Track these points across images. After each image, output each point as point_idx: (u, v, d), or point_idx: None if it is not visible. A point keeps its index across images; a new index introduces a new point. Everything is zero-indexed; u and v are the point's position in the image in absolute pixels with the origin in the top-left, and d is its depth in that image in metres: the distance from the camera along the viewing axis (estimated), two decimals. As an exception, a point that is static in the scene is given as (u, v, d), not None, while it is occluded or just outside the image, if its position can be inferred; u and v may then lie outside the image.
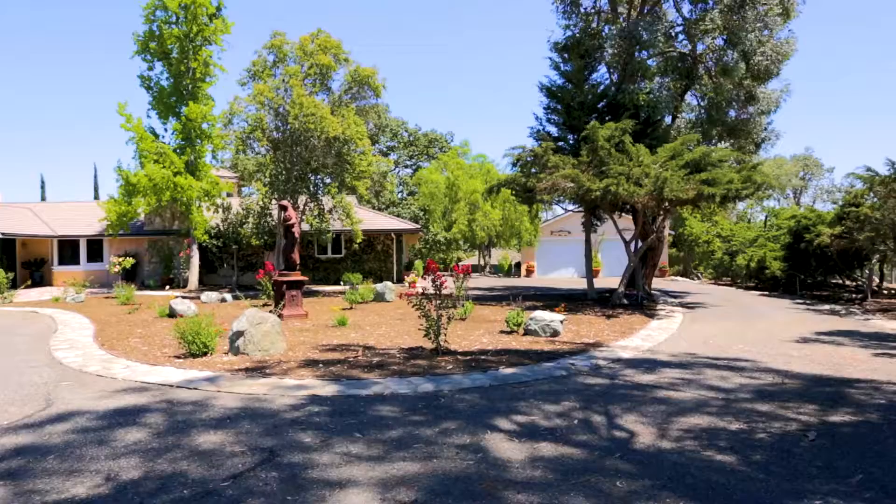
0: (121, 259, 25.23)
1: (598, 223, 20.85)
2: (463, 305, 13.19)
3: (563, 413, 5.85)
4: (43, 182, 65.09)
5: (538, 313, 11.36)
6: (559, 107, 19.99)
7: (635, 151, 15.89)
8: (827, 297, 20.41)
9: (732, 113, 19.45)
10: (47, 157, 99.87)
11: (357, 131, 20.37)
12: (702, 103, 20.37)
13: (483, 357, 8.85)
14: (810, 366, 8.33)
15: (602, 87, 19.76)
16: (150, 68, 23.93)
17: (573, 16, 20.44)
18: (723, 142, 19.99)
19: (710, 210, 25.54)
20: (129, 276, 26.24)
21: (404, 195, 49.73)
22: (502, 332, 11.51)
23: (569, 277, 35.46)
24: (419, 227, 32.79)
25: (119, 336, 11.18)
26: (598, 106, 19.43)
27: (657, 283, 25.79)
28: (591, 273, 20.38)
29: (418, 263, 34.98)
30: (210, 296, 18.56)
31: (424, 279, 9.12)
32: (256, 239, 24.07)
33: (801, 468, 4.38)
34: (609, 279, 29.89)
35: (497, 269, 41.55)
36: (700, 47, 18.98)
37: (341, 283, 26.09)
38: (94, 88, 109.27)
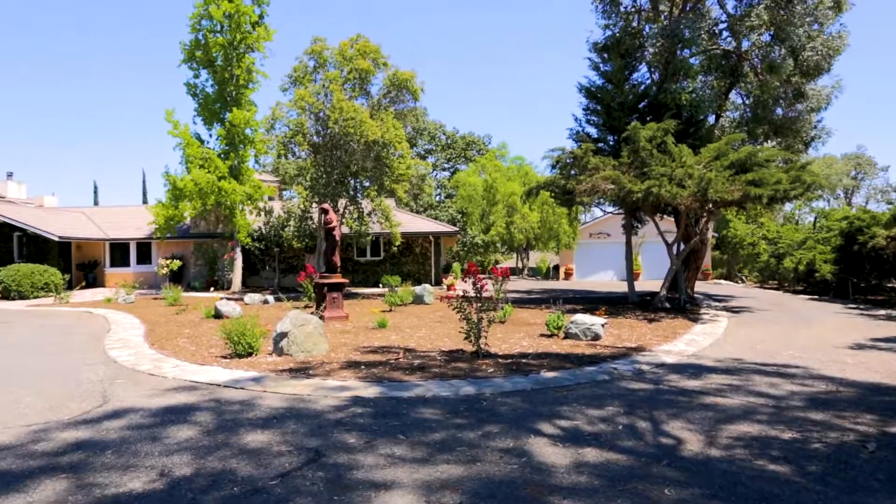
0: (168, 261, 26.04)
1: (639, 225, 20.48)
2: (502, 308, 13.15)
3: (606, 418, 5.77)
4: (96, 188, 67.87)
5: (578, 317, 11.23)
6: (599, 108, 19.75)
7: (678, 152, 15.56)
8: (882, 301, 19.57)
9: (779, 111, 18.84)
10: (99, 164, 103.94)
11: (396, 135, 20.54)
12: (747, 101, 19.82)
13: (524, 360, 8.80)
14: (867, 373, 8.01)
15: (643, 87, 19.41)
16: (196, 76, 24.66)
17: (613, 15, 20.16)
18: (769, 141, 19.39)
19: (755, 211, 24.82)
20: (176, 277, 27.06)
21: (442, 198, 49.90)
22: (542, 335, 11.42)
23: (608, 280, 34.94)
24: (457, 229, 32.84)
25: (168, 336, 11.54)
26: (639, 106, 19.12)
27: (700, 287, 25.18)
28: (631, 276, 20.04)
29: (456, 266, 35.06)
30: (253, 297, 18.97)
31: (465, 281, 9.12)
32: (298, 242, 24.49)
33: (861, 481, 4.21)
34: (649, 282, 29.36)
35: (535, 272, 41.27)
36: (745, 44, 18.47)
37: (380, 285, 26.35)
38: (143, 98, 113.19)
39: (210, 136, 25.04)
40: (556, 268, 39.26)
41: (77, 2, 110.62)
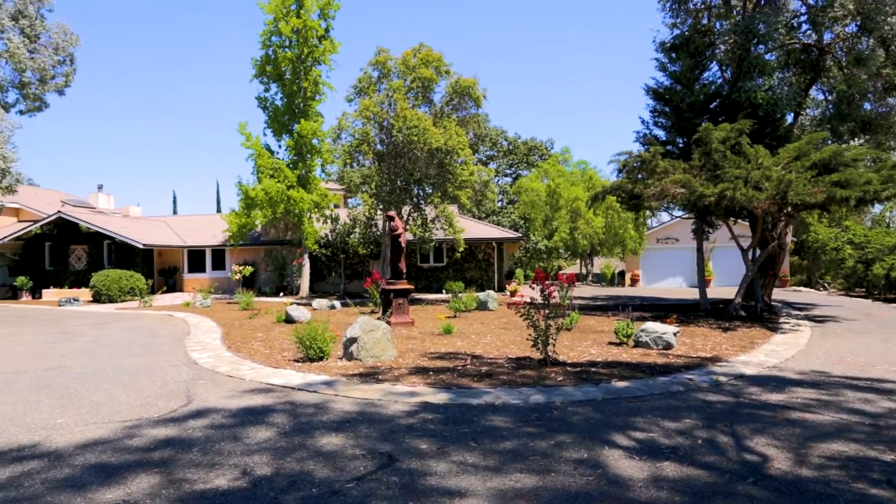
0: (241, 268, 27.14)
1: (711, 230, 19.71)
2: (569, 315, 12.95)
3: (684, 431, 5.56)
4: (175, 197, 71.59)
5: (649, 325, 10.90)
6: (667, 109, 19.17)
7: (753, 153, 14.89)
8: None
9: (868, 106, 17.70)
10: (178, 174, 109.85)
11: (459, 142, 20.66)
12: (829, 98, 18.73)
13: (593, 369, 8.62)
14: (973, 389, 7.37)
15: (714, 87, 18.70)
16: (267, 90, 25.68)
17: (680, 13, 19.56)
18: (856, 139, 18.25)
19: (840, 214, 23.39)
20: (248, 283, 28.16)
21: (504, 204, 49.71)
22: (611, 343, 11.16)
23: (676, 287, 33.80)
24: (520, 235, 32.63)
25: (243, 339, 12.01)
26: (710, 107, 18.43)
27: (778, 294, 23.96)
28: (703, 282, 19.29)
29: (519, 272, 34.82)
30: (321, 303, 19.48)
31: (533, 288, 9.03)
32: (363, 248, 25.00)
33: (974, 506, 3.88)
34: (721, 289, 28.20)
35: (599, 278, 40.43)
36: (827, 36, 17.49)
37: (443, 291, 26.50)
38: (218, 112, 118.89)
39: (279, 146, 26.02)
40: (622, 274, 38.33)
41: (156, 25, 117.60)
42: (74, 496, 4.11)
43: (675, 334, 10.66)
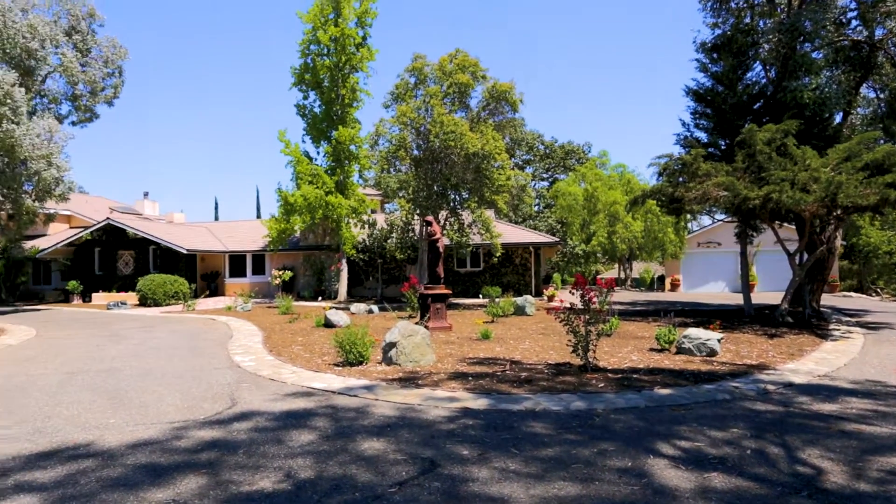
0: (280, 272, 27.63)
1: (754, 234, 19.14)
2: (608, 321, 12.75)
3: (731, 441, 5.40)
4: (216, 204, 73.42)
5: (692, 331, 10.66)
6: (709, 111, 18.76)
7: (800, 154, 14.43)
8: None
9: (923, 104, 16.98)
10: (219, 181, 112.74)
11: (495, 146, 20.62)
12: (882, 95, 18.04)
13: (635, 376, 8.47)
14: None
15: (758, 87, 18.21)
16: (305, 97, 26.13)
17: (722, 12, 19.12)
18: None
19: (895, 217, 22.45)
20: (287, 287, 28.64)
21: (541, 208, 49.39)
22: (652, 349, 10.95)
23: (718, 292, 32.96)
24: (557, 240, 32.35)
25: (283, 343, 12.21)
26: (754, 107, 17.95)
27: (827, 300, 23.13)
28: (747, 287, 18.75)
29: (556, 276, 34.53)
30: (359, 307, 19.66)
31: (573, 293, 8.93)
32: (400, 253, 25.15)
33: None
34: (765, 294, 27.40)
35: (638, 283, 39.78)
36: (879, 32, 16.85)
37: (480, 295, 26.45)
38: (258, 119, 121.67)
39: (318, 153, 26.43)
40: (661, 279, 37.60)
41: (199, 37, 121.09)
42: (127, 494, 4.24)
43: (719, 341, 10.39)
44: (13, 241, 27.61)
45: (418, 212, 22.60)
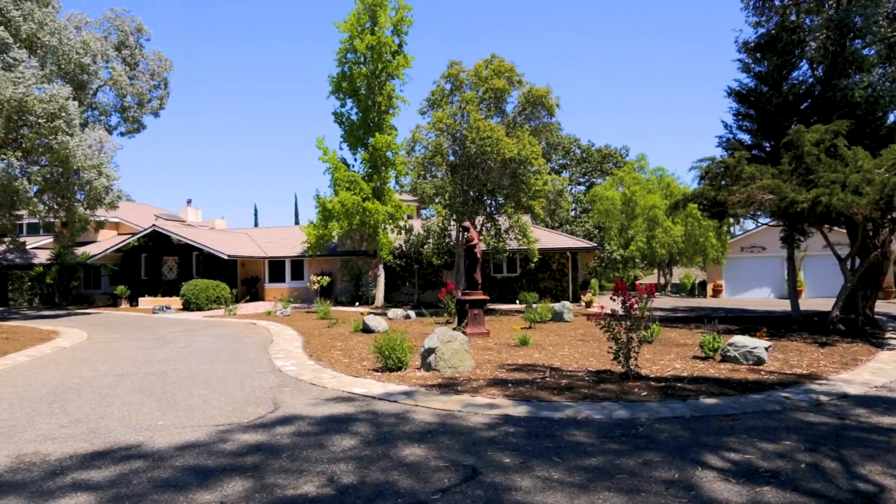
0: (319, 278, 28.02)
1: (802, 238, 18.52)
2: (649, 327, 12.51)
3: (784, 454, 5.21)
4: (256, 210, 75.15)
5: (737, 338, 10.36)
6: (752, 112, 18.28)
7: (851, 155, 13.90)
8: None
9: None
10: (259, 188, 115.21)
11: (532, 151, 20.52)
12: (939, 93, 17.23)
13: (678, 384, 8.27)
14: None
15: (804, 86, 17.65)
16: (342, 105, 26.51)
17: (765, 11, 18.62)
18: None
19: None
20: (325, 292, 29.02)
21: (577, 213, 48.89)
22: (695, 357, 10.69)
23: (763, 298, 32.02)
24: (595, 245, 31.95)
25: (323, 348, 12.36)
26: (801, 107, 17.41)
27: (882, 307, 22.21)
28: (794, 293, 18.15)
29: (594, 282, 34.07)
30: (396, 312, 19.78)
31: (613, 300, 8.79)
32: (437, 259, 25.22)
33: None
34: (814, 301, 26.49)
35: (679, 289, 38.95)
36: (935, 28, 16.13)
37: (517, 301, 26.31)
38: (295, 128, 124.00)
39: (355, 159, 26.77)
40: (703, 284, 36.73)
41: (238, 49, 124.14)
42: (176, 495, 4.33)
43: (766, 349, 10.08)
44: (66, 248, 28.77)
45: (455, 217, 22.63)
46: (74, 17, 26.63)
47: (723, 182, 16.72)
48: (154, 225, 30.49)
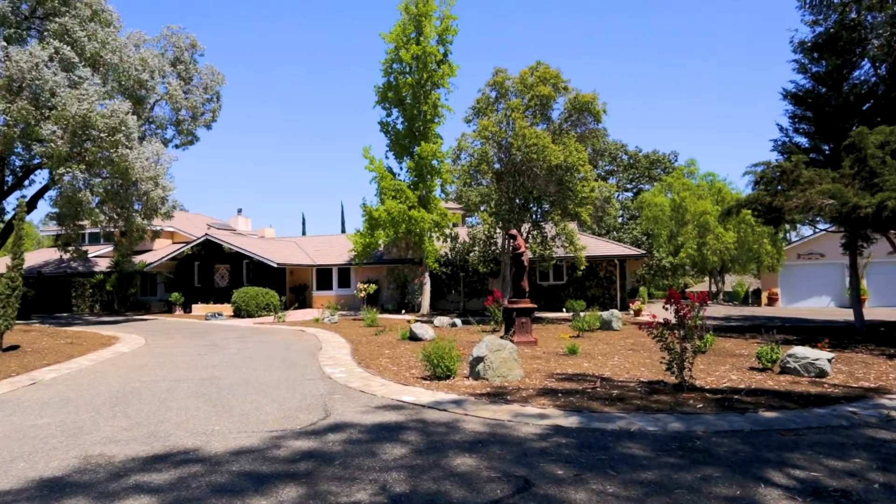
0: (366, 285, 28.36)
1: (864, 244, 17.67)
2: (703, 337, 12.14)
3: (854, 472, 4.95)
4: (304, 219, 76.77)
5: (798, 349, 9.94)
6: (809, 114, 17.66)
7: (920, 157, 13.23)
8: None
9: None
10: (306, 197, 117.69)
11: (578, 158, 20.29)
12: None
13: (735, 396, 7.98)
14: None
15: (866, 86, 16.92)
16: (388, 114, 26.84)
17: (823, 9, 17.94)
18: None
19: None
20: (372, 300, 29.33)
21: (625, 219, 48.04)
22: (752, 368, 10.30)
23: (822, 307, 30.68)
24: (643, 252, 31.28)
25: (371, 356, 12.47)
26: (863, 108, 16.70)
27: (952, 317, 20.96)
28: (858, 302, 17.33)
29: (643, 290, 33.38)
30: (442, 320, 19.81)
31: (666, 308, 8.57)
32: (483, 266, 25.18)
33: None
34: (879, 310, 25.25)
35: (731, 297, 37.74)
36: None
37: (563, 309, 25.99)
38: (342, 137, 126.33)
39: (401, 168, 27.03)
40: (757, 292, 35.48)
41: (287, 63, 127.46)
42: (233, 500, 4.42)
43: (829, 360, 9.63)
44: (125, 256, 29.99)
45: (500, 225, 22.56)
46: (134, 35, 27.85)
47: (779, 187, 16.17)
48: (206, 234, 31.48)
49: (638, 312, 24.25)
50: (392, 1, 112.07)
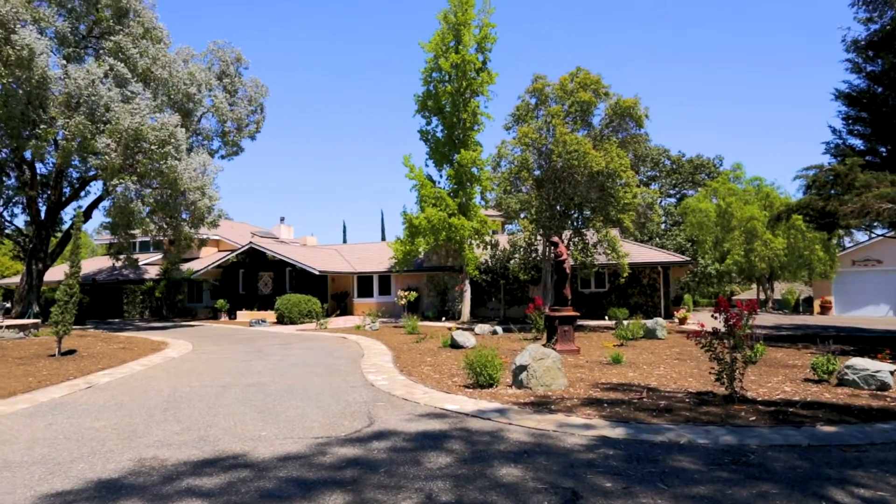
0: (406, 293, 28.51)
1: (927, 250, 16.86)
2: (753, 346, 11.74)
3: (924, 492, 4.69)
4: (345, 227, 77.68)
5: (856, 361, 9.51)
6: (864, 115, 16.97)
7: None
8: None
9: None
10: (347, 205, 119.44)
11: (620, 164, 19.99)
12: None
13: (790, 409, 7.68)
14: None
15: (927, 85, 16.17)
16: (428, 123, 27.00)
17: (879, 5, 17.25)
18: None
19: None
20: (412, 307, 29.45)
21: (668, 226, 47.04)
22: (807, 379, 9.91)
23: (880, 317, 29.35)
24: (688, 259, 30.53)
25: (413, 363, 12.50)
26: (923, 108, 15.95)
27: None
28: (920, 312, 16.49)
29: (688, 297, 32.60)
30: (482, 328, 19.73)
31: (715, 317, 8.32)
32: (523, 274, 25.01)
33: None
34: (944, 319, 23.93)
35: (781, 305, 36.48)
36: None
37: (606, 317, 25.56)
38: (381, 145, 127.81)
39: (441, 176, 27.13)
40: (808, 300, 34.21)
41: (328, 75, 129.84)
42: (282, 506, 4.48)
43: (891, 373, 9.18)
44: (173, 264, 30.97)
45: (541, 232, 22.38)
46: (182, 51, 28.83)
47: (832, 191, 15.61)
48: (251, 242, 32.22)
49: (683, 321, 23.66)
50: (432, 10, 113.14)
